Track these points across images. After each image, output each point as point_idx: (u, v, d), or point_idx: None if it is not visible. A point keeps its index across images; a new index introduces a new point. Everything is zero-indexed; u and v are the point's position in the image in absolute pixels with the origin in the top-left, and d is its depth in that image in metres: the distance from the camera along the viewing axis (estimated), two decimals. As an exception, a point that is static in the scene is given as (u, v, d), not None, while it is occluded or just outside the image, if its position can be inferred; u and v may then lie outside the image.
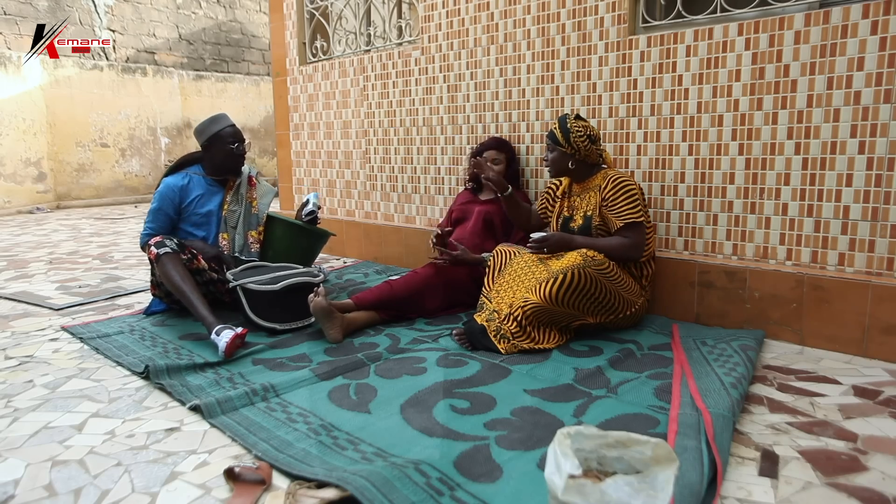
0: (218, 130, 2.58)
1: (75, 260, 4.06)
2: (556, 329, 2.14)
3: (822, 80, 2.06)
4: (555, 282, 2.04)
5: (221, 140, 2.59)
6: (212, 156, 2.62)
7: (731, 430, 1.44)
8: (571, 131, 2.22)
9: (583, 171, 2.31)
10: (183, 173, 2.62)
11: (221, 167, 2.63)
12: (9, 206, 7.05)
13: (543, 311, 2.07)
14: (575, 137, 2.22)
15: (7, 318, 2.65)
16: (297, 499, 1.21)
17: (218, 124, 2.60)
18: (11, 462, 1.41)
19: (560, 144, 2.26)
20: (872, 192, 2.00)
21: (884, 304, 1.97)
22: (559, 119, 2.28)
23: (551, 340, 2.10)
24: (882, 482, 1.26)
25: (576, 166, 2.28)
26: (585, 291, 2.07)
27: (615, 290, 2.13)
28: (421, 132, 3.41)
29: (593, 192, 2.28)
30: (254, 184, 2.77)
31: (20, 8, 7.57)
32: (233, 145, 2.59)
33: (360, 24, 3.79)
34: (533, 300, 2.07)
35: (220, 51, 9.78)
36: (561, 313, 2.10)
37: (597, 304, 2.12)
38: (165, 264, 2.27)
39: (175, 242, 2.36)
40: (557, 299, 2.05)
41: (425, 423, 1.54)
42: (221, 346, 2.00)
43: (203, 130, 2.60)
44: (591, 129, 2.25)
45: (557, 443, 1.04)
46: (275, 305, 2.35)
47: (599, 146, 2.28)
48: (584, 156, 2.25)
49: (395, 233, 3.59)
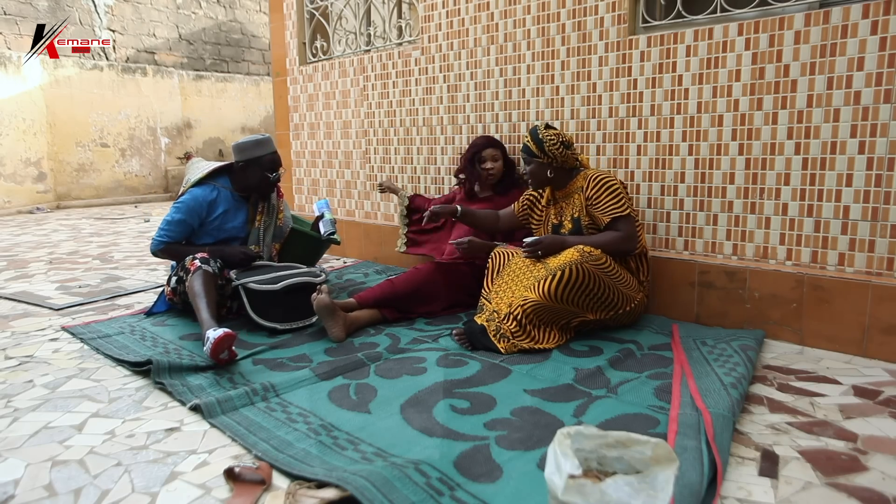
0: (260, 156, 2.54)
1: (75, 260, 4.06)
2: (556, 328, 2.14)
3: (822, 80, 2.06)
4: (553, 278, 2.05)
5: (260, 166, 2.55)
6: (246, 176, 2.58)
7: (731, 430, 1.44)
8: (545, 141, 2.24)
9: (562, 178, 2.33)
10: (211, 186, 2.58)
11: (252, 189, 2.61)
12: (9, 206, 7.05)
13: (543, 309, 2.07)
14: (549, 146, 2.24)
15: (7, 318, 2.65)
16: (297, 499, 1.21)
17: (261, 149, 2.56)
18: (11, 462, 1.41)
19: (536, 156, 2.28)
20: (872, 192, 2.00)
21: (884, 304, 1.97)
22: (530, 131, 2.30)
23: (551, 340, 2.11)
24: (882, 482, 1.26)
25: (555, 174, 2.30)
26: (584, 287, 2.07)
27: (613, 286, 2.13)
28: (421, 132, 3.40)
29: (577, 194, 2.30)
30: (281, 195, 2.78)
31: (20, 8, 7.57)
32: (271, 173, 2.57)
33: (360, 24, 3.79)
34: (532, 298, 2.07)
35: (220, 51, 9.78)
36: (561, 311, 2.10)
37: (596, 300, 2.12)
38: (199, 277, 2.26)
39: (218, 265, 2.36)
40: (557, 296, 2.05)
41: (425, 423, 1.54)
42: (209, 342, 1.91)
43: (244, 149, 2.55)
44: (563, 135, 2.27)
45: (557, 443, 1.04)
46: (276, 305, 2.35)
47: (573, 150, 2.30)
48: (562, 162, 2.28)
49: (395, 233, 3.58)
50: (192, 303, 2.22)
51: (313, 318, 2.40)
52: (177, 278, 2.45)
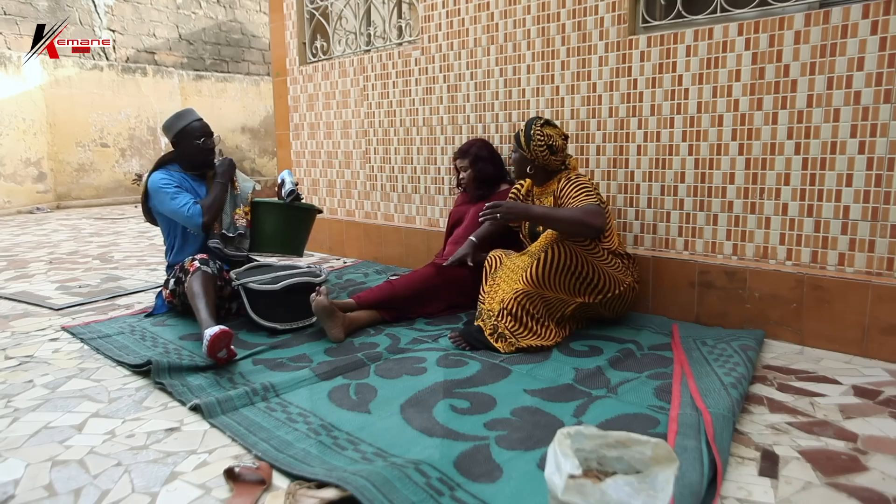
0: (184, 126, 2.53)
1: (75, 260, 4.06)
2: (552, 323, 2.15)
3: (822, 80, 2.06)
4: (537, 263, 2.09)
5: (189, 135, 2.53)
6: (182, 151, 2.57)
7: (731, 430, 1.44)
8: (533, 138, 2.24)
9: (542, 176, 2.35)
10: (163, 170, 2.58)
11: (194, 162, 2.59)
12: (9, 206, 7.05)
13: (533, 297, 2.09)
14: (534, 145, 2.24)
15: (7, 318, 2.65)
16: (297, 499, 1.21)
17: (184, 119, 2.54)
18: (11, 462, 1.41)
19: (522, 148, 2.29)
20: (872, 192, 2.00)
21: (884, 304, 1.97)
22: (527, 122, 2.30)
23: (549, 336, 2.11)
24: (882, 482, 1.26)
25: (534, 171, 2.32)
26: (568, 267, 2.09)
27: (598, 265, 2.14)
28: (421, 132, 3.40)
29: (551, 196, 2.31)
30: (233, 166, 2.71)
31: (20, 8, 7.57)
32: (199, 140, 2.54)
33: (360, 24, 3.79)
34: (520, 287, 2.10)
35: (220, 51, 9.78)
36: (551, 297, 2.12)
37: (583, 282, 2.14)
38: (199, 278, 2.26)
39: (217, 267, 2.37)
40: (542, 280, 2.08)
41: (425, 423, 1.54)
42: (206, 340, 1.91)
43: (171, 126, 2.55)
44: (554, 138, 2.24)
45: (557, 443, 1.04)
46: (276, 305, 2.35)
47: (561, 156, 2.28)
48: (543, 164, 2.28)
49: (395, 233, 3.59)
50: (192, 303, 2.21)
51: (313, 319, 2.40)
52: (175, 279, 2.44)
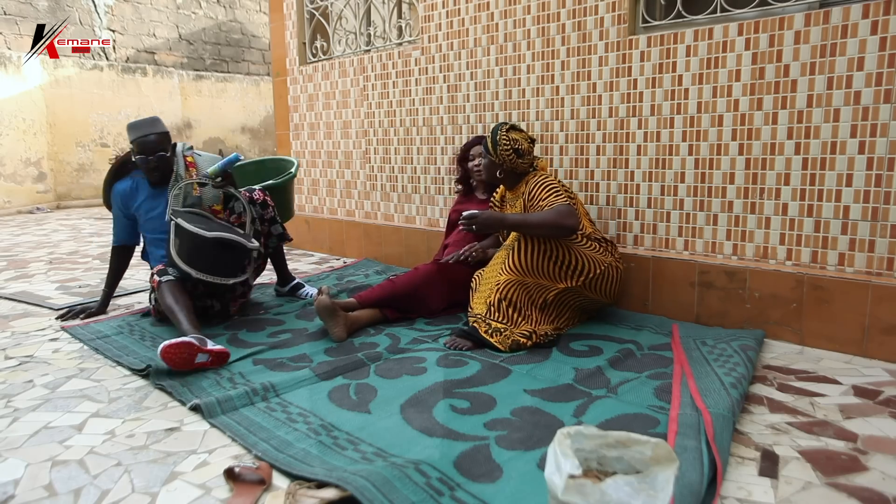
0: (133, 139, 2.43)
1: (75, 260, 4.06)
2: (535, 309, 2.16)
3: (822, 80, 2.06)
4: (513, 252, 2.14)
5: (136, 150, 2.44)
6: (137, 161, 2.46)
7: (731, 430, 1.44)
8: (499, 143, 2.26)
9: (511, 180, 2.37)
10: (129, 178, 2.56)
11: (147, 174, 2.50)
12: (9, 206, 7.05)
13: (516, 286, 2.12)
14: (501, 149, 2.26)
15: (7, 318, 2.65)
16: (297, 499, 1.21)
17: (133, 132, 2.44)
18: (11, 462, 1.41)
19: (490, 153, 2.32)
20: (872, 192, 2.00)
21: (884, 304, 1.97)
22: (493, 128, 2.32)
23: (537, 322, 2.14)
24: (882, 482, 1.26)
25: (504, 175, 2.35)
26: (544, 252, 2.13)
27: (573, 248, 2.16)
28: (421, 132, 3.40)
29: (521, 198, 2.32)
30: (192, 165, 2.58)
31: (20, 8, 7.57)
32: (140, 156, 2.42)
33: (360, 24, 3.79)
34: (502, 279, 2.14)
35: (220, 51, 9.78)
36: (532, 284, 2.14)
37: (561, 266, 2.15)
38: (166, 290, 2.22)
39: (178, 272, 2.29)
40: (521, 267, 2.12)
41: (425, 423, 1.54)
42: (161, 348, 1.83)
43: (128, 133, 2.45)
44: (520, 142, 2.26)
45: (557, 443, 1.04)
46: (199, 252, 2.25)
47: (528, 158, 2.30)
48: (510, 168, 2.30)
49: (395, 233, 3.59)
50: (171, 318, 2.15)
51: (230, 280, 2.30)
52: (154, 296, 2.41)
